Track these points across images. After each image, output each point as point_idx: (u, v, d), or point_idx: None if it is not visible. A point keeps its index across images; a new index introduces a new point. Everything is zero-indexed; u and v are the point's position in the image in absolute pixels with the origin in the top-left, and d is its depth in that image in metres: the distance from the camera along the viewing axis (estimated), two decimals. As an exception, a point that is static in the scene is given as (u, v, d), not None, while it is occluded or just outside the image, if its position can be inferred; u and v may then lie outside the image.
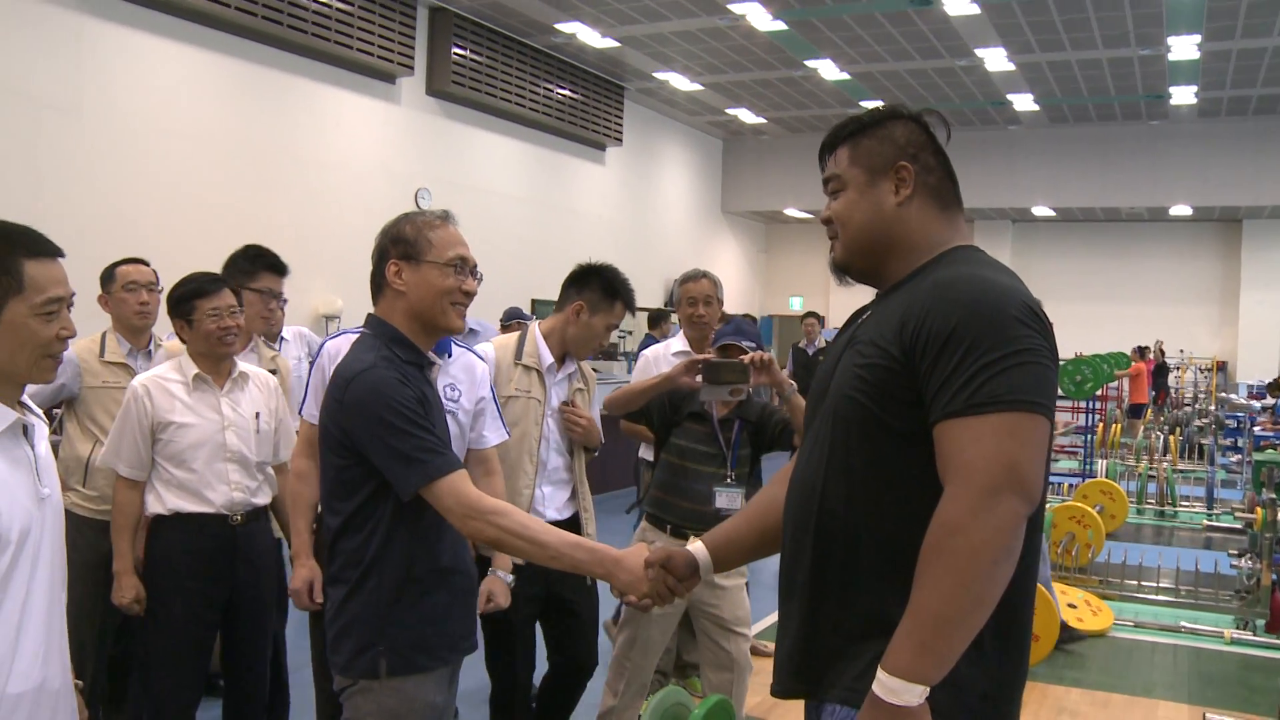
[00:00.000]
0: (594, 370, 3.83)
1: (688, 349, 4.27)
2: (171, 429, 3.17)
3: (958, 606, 1.53)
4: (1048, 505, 7.92)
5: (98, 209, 7.78)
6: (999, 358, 1.58)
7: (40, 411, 2.02)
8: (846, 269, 1.92)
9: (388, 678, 2.23)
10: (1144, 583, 6.59)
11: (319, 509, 2.92)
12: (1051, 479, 10.27)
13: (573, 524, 3.52)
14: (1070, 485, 9.39)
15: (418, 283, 2.31)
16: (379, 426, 2.16)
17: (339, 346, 2.93)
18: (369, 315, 2.42)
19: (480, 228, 10.50)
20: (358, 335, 2.44)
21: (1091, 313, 18.00)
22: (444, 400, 2.81)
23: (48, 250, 1.86)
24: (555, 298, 3.58)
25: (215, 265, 3.79)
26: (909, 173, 1.82)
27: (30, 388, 1.98)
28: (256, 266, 3.95)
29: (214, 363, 3.28)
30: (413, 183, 11.20)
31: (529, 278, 12.25)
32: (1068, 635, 5.49)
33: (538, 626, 3.54)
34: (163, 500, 3.18)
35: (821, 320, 11.32)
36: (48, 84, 7.54)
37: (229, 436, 3.26)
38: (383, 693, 2.24)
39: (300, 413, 3.20)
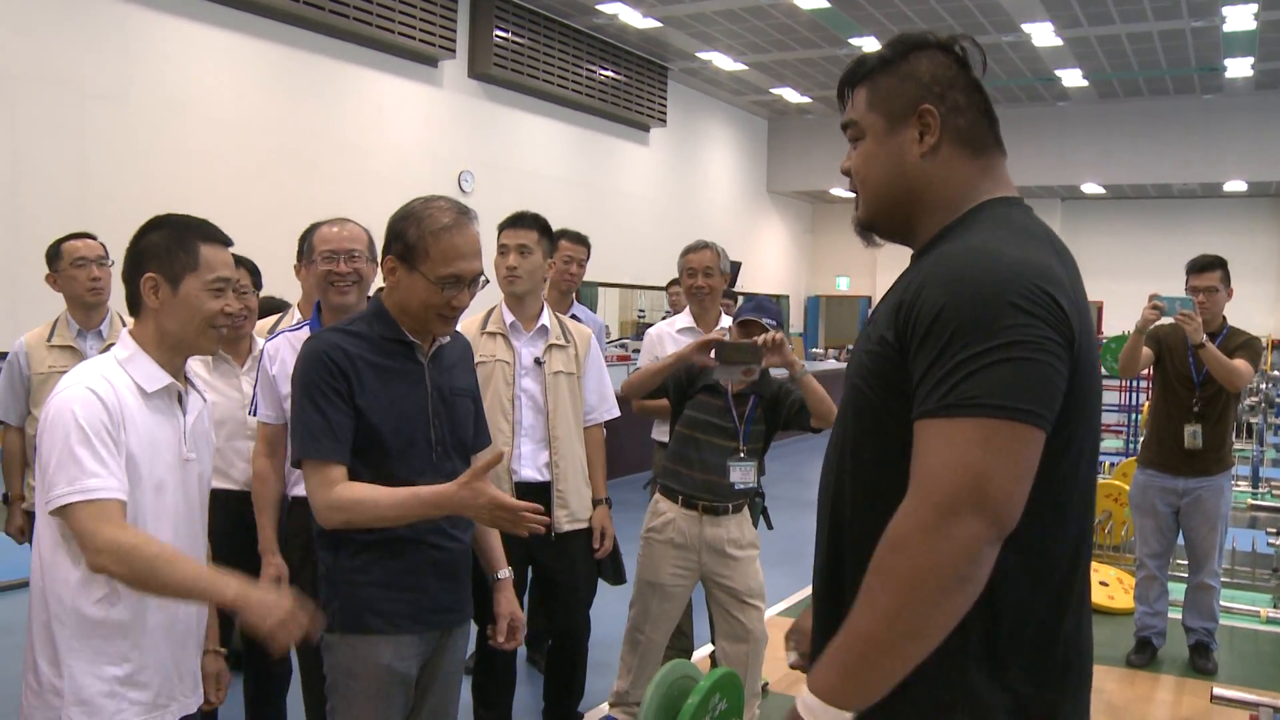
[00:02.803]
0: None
1: (692, 324, 4.25)
2: None
3: (890, 633, 1.33)
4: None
5: (143, 196, 7.94)
6: (981, 351, 1.33)
7: (199, 388, 2.25)
8: (871, 228, 1.70)
9: (341, 633, 2.31)
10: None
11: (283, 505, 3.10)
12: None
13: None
14: (1111, 464, 9.28)
15: (408, 286, 2.31)
16: (295, 387, 2.29)
17: (277, 347, 3.03)
18: (375, 289, 2.50)
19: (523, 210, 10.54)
20: (298, 330, 2.56)
21: (1142, 291, 17.49)
22: None
23: (219, 237, 2.19)
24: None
25: (257, 251, 3.71)
26: (934, 117, 1.56)
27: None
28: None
29: (231, 342, 3.35)
30: (456, 166, 11.28)
31: (572, 260, 12.25)
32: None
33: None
34: None
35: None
36: (93, 73, 7.70)
37: (249, 414, 3.33)
38: (339, 647, 2.31)
39: (254, 414, 3.18)
